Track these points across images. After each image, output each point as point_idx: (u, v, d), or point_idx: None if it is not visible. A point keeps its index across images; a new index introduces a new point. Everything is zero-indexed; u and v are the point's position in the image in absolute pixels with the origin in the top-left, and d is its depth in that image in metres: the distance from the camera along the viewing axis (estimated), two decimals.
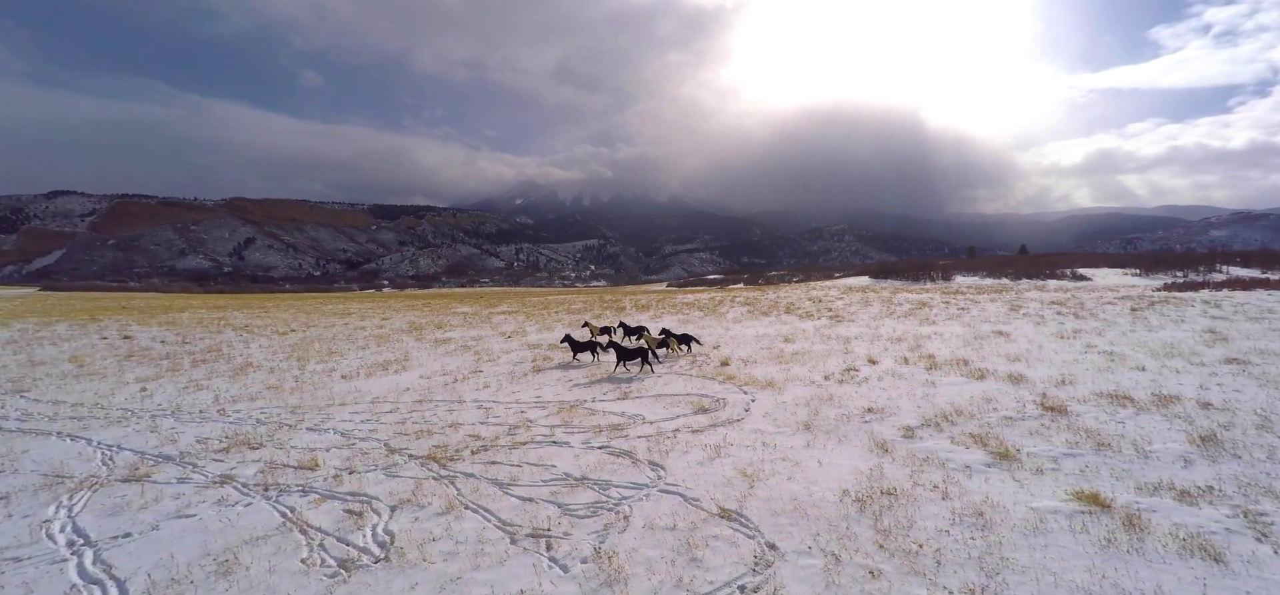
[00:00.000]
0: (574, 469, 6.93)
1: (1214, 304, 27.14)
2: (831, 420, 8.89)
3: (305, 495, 6.31)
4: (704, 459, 7.22)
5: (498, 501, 6.01)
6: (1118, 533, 4.96)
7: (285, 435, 8.80)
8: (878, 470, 6.64)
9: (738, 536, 5.08)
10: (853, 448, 7.56)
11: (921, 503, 5.67)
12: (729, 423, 8.94)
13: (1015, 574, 4.36)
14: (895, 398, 10.25)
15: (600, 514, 5.63)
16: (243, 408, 10.80)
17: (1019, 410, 9.13)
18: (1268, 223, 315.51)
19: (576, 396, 11.13)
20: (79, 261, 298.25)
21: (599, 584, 4.36)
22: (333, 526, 5.53)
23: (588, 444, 7.96)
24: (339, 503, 6.09)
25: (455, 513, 5.74)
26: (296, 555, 4.98)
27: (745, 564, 4.61)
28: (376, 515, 5.74)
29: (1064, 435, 7.80)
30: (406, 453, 7.76)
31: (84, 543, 5.34)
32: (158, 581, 4.61)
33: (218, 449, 8.16)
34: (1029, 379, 11.43)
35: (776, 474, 6.60)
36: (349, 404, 10.96)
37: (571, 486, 6.37)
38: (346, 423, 9.50)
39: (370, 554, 4.96)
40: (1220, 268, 53.49)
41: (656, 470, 6.84)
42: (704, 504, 5.77)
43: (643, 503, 5.87)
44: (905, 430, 8.28)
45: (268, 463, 7.45)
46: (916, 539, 4.93)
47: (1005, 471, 6.56)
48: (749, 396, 10.76)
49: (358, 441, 8.36)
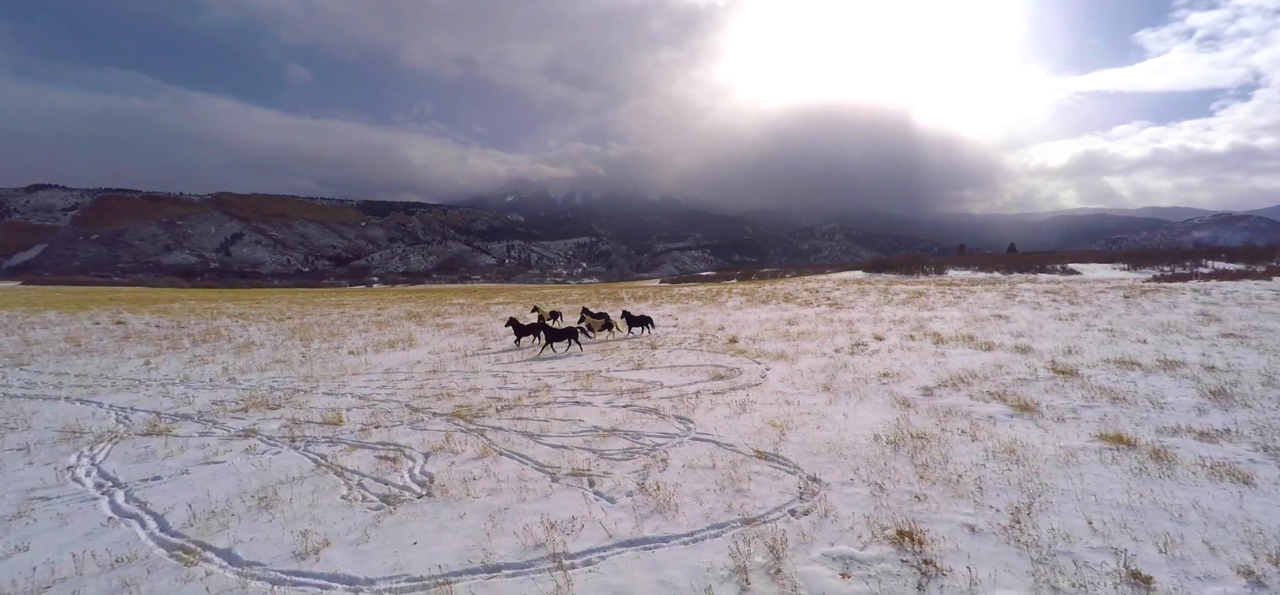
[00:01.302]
0: (602, 423, 6.94)
1: (1203, 292, 27.74)
2: (849, 383, 8.98)
3: (334, 445, 6.26)
4: (730, 414, 7.26)
5: (531, 449, 6.00)
6: (1147, 463, 5.08)
7: (302, 398, 8.72)
8: (904, 420, 6.72)
9: (779, 472, 5.12)
10: (875, 404, 7.64)
11: (953, 444, 5.75)
12: (748, 386, 8.99)
13: (1056, 496, 4.44)
14: (908, 365, 10.37)
15: (636, 457, 5.65)
16: (253, 378, 10.68)
17: (1031, 374, 9.28)
18: (1248, 224, 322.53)
19: (591, 367, 11.13)
20: (61, 256, 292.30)
21: (650, 510, 4.37)
22: (369, 469, 5.50)
23: (611, 404, 7.97)
24: (370, 451, 6.05)
25: (491, 458, 5.73)
26: (336, 492, 4.94)
27: (791, 493, 4.65)
28: (411, 461, 5.72)
29: (1079, 393, 7.94)
30: (429, 411, 7.72)
31: (113, 484, 5.25)
32: (199, 513, 4.55)
33: (236, 409, 8.07)
34: (1036, 350, 11.61)
35: (805, 424, 6.66)
36: (361, 374, 10.87)
37: (603, 436, 6.37)
38: (363, 389, 9.42)
39: (412, 491, 4.94)
40: (1205, 263, 54.60)
41: (685, 423, 6.87)
42: (739, 448, 5.81)
43: (677, 448, 5.90)
44: (923, 390, 8.38)
45: (290, 419, 7.37)
46: (954, 471, 5.00)
47: (1028, 421, 6.67)
48: (763, 367, 10.83)
49: (378, 403, 8.30)
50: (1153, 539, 3.72)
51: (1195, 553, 3.55)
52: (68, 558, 3.86)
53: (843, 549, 3.68)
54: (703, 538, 3.92)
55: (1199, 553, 3.54)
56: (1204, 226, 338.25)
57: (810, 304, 28.14)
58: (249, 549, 3.93)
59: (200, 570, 3.66)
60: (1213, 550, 3.57)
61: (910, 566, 3.46)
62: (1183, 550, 3.57)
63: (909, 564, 3.48)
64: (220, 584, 3.52)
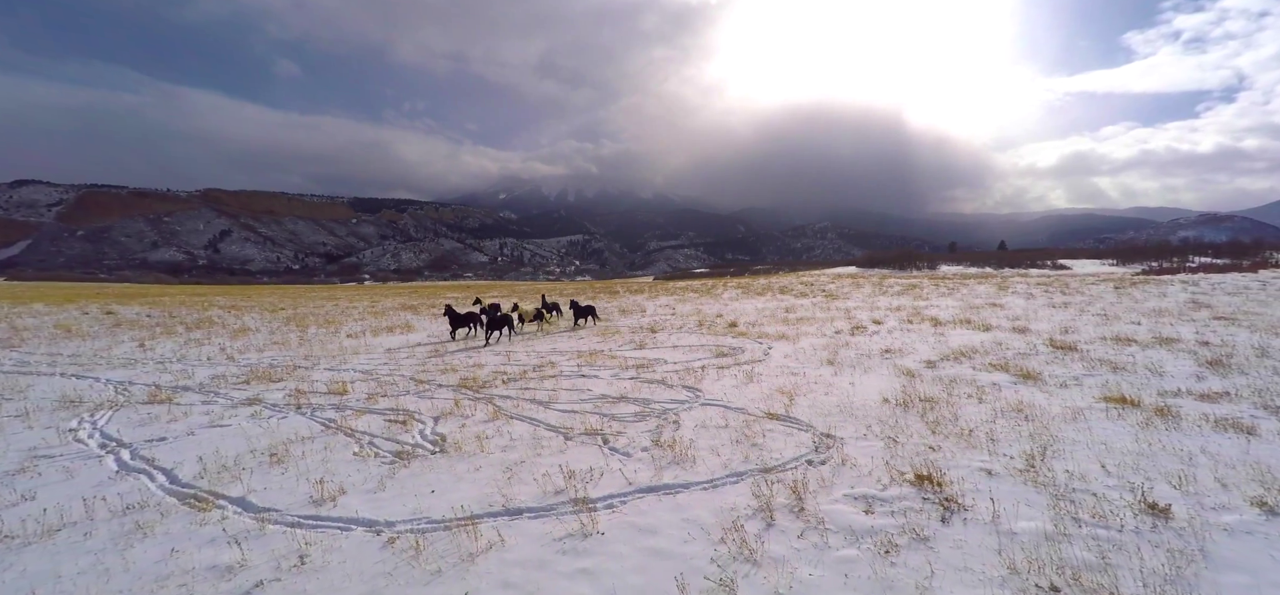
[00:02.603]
0: (610, 392, 6.93)
1: (1192, 283, 28.20)
2: (853, 358, 9.03)
3: (341, 411, 6.21)
4: (738, 383, 7.28)
5: (542, 413, 5.98)
6: (1153, 418, 5.15)
7: (304, 373, 8.63)
8: (910, 387, 6.77)
9: (792, 430, 5.14)
10: (879, 375, 7.69)
11: (961, 405, 5.81)
12: (752, 362, 9.02)
13: (1067, 445, 4.50)
14: (909, 343, 10.45)
15: (648, 419, 5.65)
16: (252, 357, 10.55)
17: (1031, 349, 9.39)
18: (1232, 224, 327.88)
19: (593, 347, 11.11)
20: (46, 253, 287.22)
21: (668, 462, 4.38)
22: (379, 431, 5.45)
23: (617, 376, 7.96)
24: (378, 416, 6.00)
25: (502, 420, 5.71)
26: (347, 450, 4.90)
27: (807, 446, 4.67)
28: (421, 423, 5.68)
29: (1079, 364, 8.04)
30: (435, 383, 7.67)
31: (118, 444, 5.17)
32: (209, 467, 4.50)
33: (237, 382, 7.97)
34: (1033, 331, 11.74)
35: (813, 391, 6.69)
36: (362, 354, 10.78)
37: (612, 402, 6.37)
38: (365, 365, 9.35)
39: (425, 448, 4.90)
40: (1192, 258, 55.48)
41: (693, 391, 6.88)
42: (750, 411, 5.83)
43: (688, 411, 5.91)
44: (927, 362, 8.45)
45: (293, 390, 7.30)
46: (965, 427, 5.05)
47: (1032, 387, 6.74)
48: (765, 346, 10.86)
49: (382, 377, 8.24)
50: (1165, 478, 3.78)
51: (1208, 489, 3.61)
52: (78, 503, 3.80)
53: (864, 490, 3.70)
54: (723, 484, 3.93)
55: (1212, 488, 3.60)
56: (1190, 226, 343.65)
57: (806, 295, 28.28)
58: (263, 497, 3.89)
59: (215, 514, 3.62)
60: (1224, 486, 3.63)
61: (932, 503, 3.49)
62: (1196, 487, 3.63)
63: (930, 501, 3.51)
64: (237, 526, 3.48)
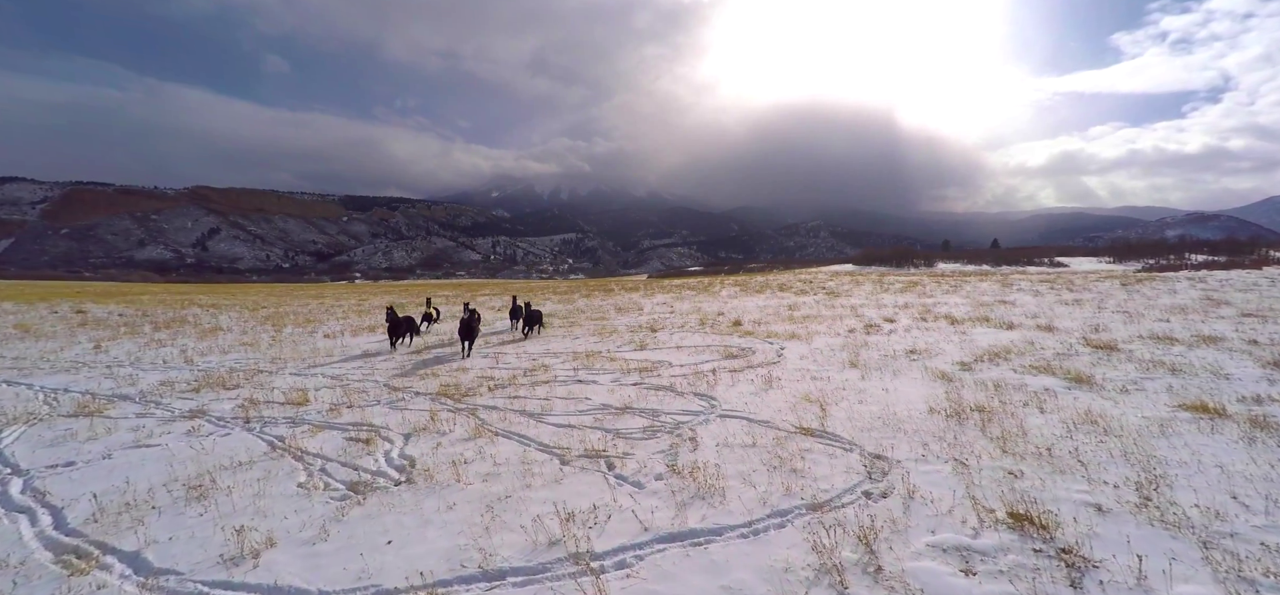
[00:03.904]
0: (612, 400, 6.05)
1: (1199, 280, 27.69)
2: (877, 359, 8.19)
3: (296, 426, 5.28)
4: (756, 390, 6.42)
5: (533, 429, 5.08)
6: (1254, 432, 4.34)
7: (265, 379, 7.67)
8: (953, 393, 5.95)
9: (834, 450, 4.28)
10: (912, 379, 6.86)
11: (1021, 416, 4.98)
12: (766, 364, 8.16)
13: (1176, 470, 3.67)
14: (932, 343, 9.65)
15: (659, 436, 4.77)
16: (213, 360, 9.56)
17: (1068, 349, 8.60)
18: (1219, 224, 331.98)
19: (589, 348, 10.23)
20: (30, 251, 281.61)
21: (691, 496, 3.50)
22: (335, 453, 4.53)
23: (618, 382, 7.08)
24: (339, 432, 5.08)
25: (485, 439, 4.80)
26: (292, 480, 3.98)
27: (857, 472, 3.81)
28: (388, 442, 4.76)
29: (1128, 366, 7.25)
30: (412, 391, 6.75)
31: (12, 472, 4.22)
32: (107, 506, 3.56)
33: (186, 389, 7.00)
34: (1060, 329, 10.98)
35: (844, 399, 5.84)
36: (335, 356, 9.81)
37: (615, 414, 5.48)
38: (336, 370, 8.39)
39: (387, 477, 4.00)
40: (1188, 256, 55.38)
41: (707, 400, 6.00)
42: (778, 425, 4.96)
43: (705, 426, 5.03)
44: (960, 365, 7.63)
45: (246, 400, 6.35)
46: (1039, 443, 4.21)
47: (1088, 392, 5.93)
48: (777, 346, 10.02)
49: (352, 383, 7.29)
50: None
51: None
52: None
53: (951, 538, 2.84)
54: (764, 528, 3.06)
55: None
56: (1177, 225, 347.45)
57: (806, 292, 27.51)
58: (163, 552, 2.97)
59: (90, 581, 2.69)
60: None
61: (1048, 558, 2.63)
62: None
63: (1045, 554, 2.66)
64: None
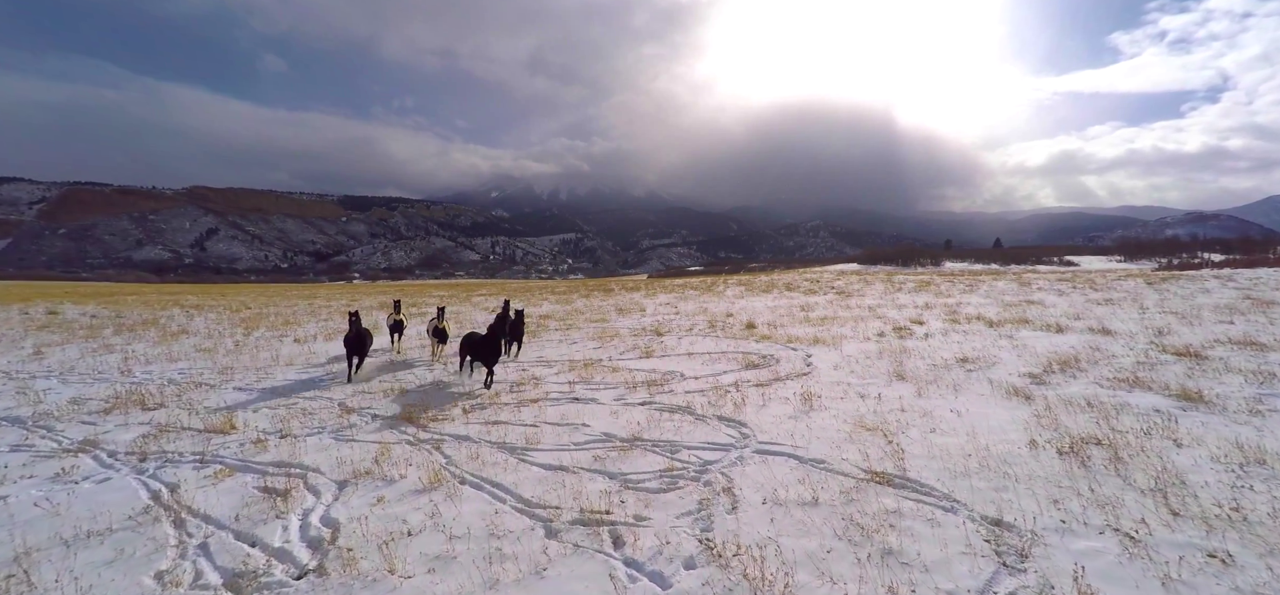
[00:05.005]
0: (617, 428, 4.81)
1: (1228, 278, 26.37)
2: (925, 371, 6.96)
3: (203, 467, 4.03)
4: (794, 412, 5.18)
5: (513, 473, 3.84)
6: None
7: (200, 395, 6.42)
8: (1043, 418, 4.72)
9: (930, 510, 3.04)
10: (979, 396, 5.63)
11: (1157, 451, 3.74)
12: (795, 376, 6.93)
13: None
14: (982, 349, 8.40)
15: (681, 485, 3.53)
16: (155, 369, 8.32)
17: (1146, 358, 7.36)
18: (1218, 223, 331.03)
19: (588, 355, 8.99)
20: (27, 251, 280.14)
21: None
22: (231, 513, 3.29)
23: (623, 400, 5.84)
24: (253, 476, 3.83)
25: (446, 489, 3.56)
26: (149, 567, 2.74)
27: (982, 553, 2.57)
28: (312, 495, 3.52)
29: (1233, 378, 6.01)
30: (369, 412, 5.51)
31: None
32: None
33: (95, 410, 5.75)
34: (1118, 333, 9.73)
35: (911, 426, 4.60)
36: (298, 364, 8.57)
37: (622, 451, 4.24)
38: (289, 381, 7.15)
39: (290, 562, 2.76)
40: (1199, 254, 54.18)
41: (736, 428, 4.77)
42: (837, 466, 3.72)
43: (740, 468, 3.80)
44: (1030, 377, 6.39)
45: (160, 425, 5.10)
46: (1215, 500, 2.98)
47: (1212, 414, 4.72)
48: (801, 353, 8.78)
49: (302, 401, 6.05)
50: None
51: None
52: None
53: None
54: None
55: None
56: (1177, 224, 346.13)
57: (815, 292, 26.25)
58: None
59: None
60: None
61: None
62: None
63: None
64: None
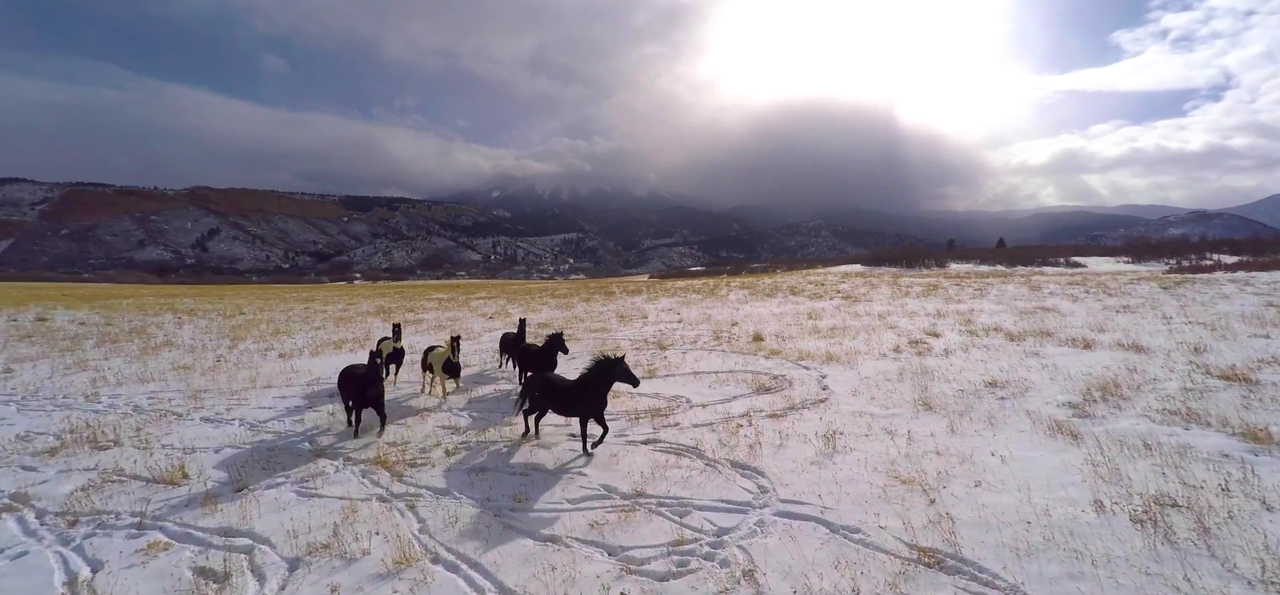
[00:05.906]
0: (618, 480, 4.25)
1: (1245, 282, 25.68)
2: (952, 397, 6.39)
3: (139, 534, 3.49)
4: (816, 456, 4.61)
5: (495, 546, 3.29)
6: None
7: (163, 428, 5.87)
8: (1106, 467, 4.15)
9: None
10: (1018, 432, 5.06)
11: (1248, 519, 3.17)
12: (811, 404, 6.37)
13: None
14: (1009, 370, 7.82)
15: (692, 565, 2.97)
16: (124, 392, 7.78)
17: (1191, 381, 6.78)
18: (1221, 222, 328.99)
19: None
20: (28, 252, 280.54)
21: None
22: None
23: (625, 437, 5.29)
24: (192, 549, 3.29)
25: (414, 572, 3.01)
26: None
27: None
28: (255, 580, 2.97)
29: None
30: (344, 456, 4.95)
31: None
32: None
33: (40, 450, 5.20)
34: (1149, 349, 9.14)
35: (952, 477, 4.04)
36: (277, 386, 8.02)
37: (623, 514, 3.67)
38: (263, 410, 6.59)
39: None
40: (1209, 255, 53.41)
41: (752, 477, 4.20)
42: (876, 538, 3.16)
43: (761, 538, 3.24)
44: (1070, 408, 5.81)
45: (105, 471, 4.55)
46: None
47: None
48: (815, 373, 8.22)
49: (267, 439, 5.49)
50: None
51: None
52: None
53: None
54: None
55: None
56: (1180, 223, 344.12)
57: (820, 297, 25.63)
58: None
59: None
60: None
61: None
62: None
63: None
64: None
